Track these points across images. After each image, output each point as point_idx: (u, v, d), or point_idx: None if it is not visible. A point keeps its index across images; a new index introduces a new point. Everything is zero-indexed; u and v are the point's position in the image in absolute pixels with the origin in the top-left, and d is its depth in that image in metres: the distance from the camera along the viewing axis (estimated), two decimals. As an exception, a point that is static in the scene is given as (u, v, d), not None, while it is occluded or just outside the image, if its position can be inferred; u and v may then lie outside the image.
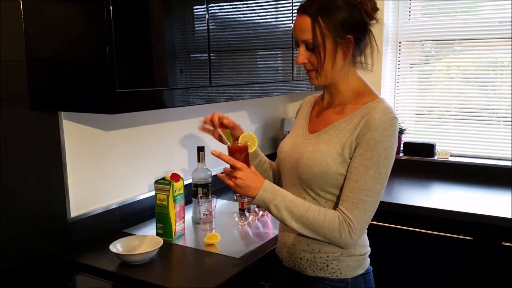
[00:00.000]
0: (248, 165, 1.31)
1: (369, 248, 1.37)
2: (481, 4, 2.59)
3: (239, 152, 1.32)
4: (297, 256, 1.35)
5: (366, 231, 1.37)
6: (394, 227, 2.17)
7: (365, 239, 1.37)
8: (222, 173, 1.29)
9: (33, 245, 1.60)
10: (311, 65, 1.27)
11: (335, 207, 1.27)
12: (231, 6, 1.85)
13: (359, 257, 1.32)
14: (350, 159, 1.24)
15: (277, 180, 1.56)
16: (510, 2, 2.47)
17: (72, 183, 1.72)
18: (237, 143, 1.36)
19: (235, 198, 1.37)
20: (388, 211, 2.14)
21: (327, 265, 1.30)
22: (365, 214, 1.21)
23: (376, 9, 1.26)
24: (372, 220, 1.26)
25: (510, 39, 2.50)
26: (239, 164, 1.25)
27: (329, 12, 1.21)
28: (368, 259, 1.37)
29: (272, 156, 2.28)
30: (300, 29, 1.24)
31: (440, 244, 2.09)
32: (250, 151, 1.39)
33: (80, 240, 1.74)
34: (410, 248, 2.16)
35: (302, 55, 1.26)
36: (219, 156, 1.25)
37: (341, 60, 1.26)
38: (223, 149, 1.34)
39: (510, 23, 2.49)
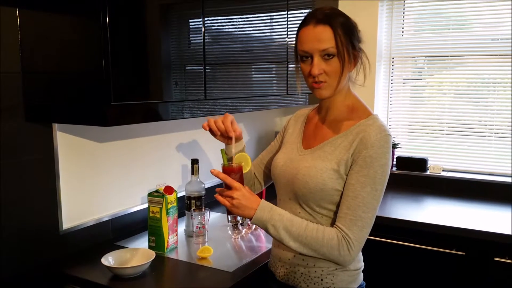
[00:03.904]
0: (243, 185, 1.30)
1: (363, 263, 1.38)
2: (473, 21, 2.62)
3: (234, 173, 1.31)
4: (291, 271, 1.34)
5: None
6: (386, 242, 2.17)
7: (360, 254, 1.37)
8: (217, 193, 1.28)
9: (25, 257, 1.58)
10: (326, 76, 1.25)
11: (331, 222, 1.28)
12: (227, 20, 1.87)
13: (353, 272, 1.33)
14: (346, 175, 1.25)
15: (254, 183, 1.57)
16: (502, 19, 2.51)
17: (64, 195, 1.71)
18: (232, 163, 1.35)
19: (229, 220, 1.35)
20: (381, 225, 2.14)
21: (322, 280, 1.30)
22: (362, 231, 1.22)
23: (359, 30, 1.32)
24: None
25: (501, 56, 2.54)
26: (235, 183, 1.24)
27: (344, 24, 1.24)
28: (362, 274, 1.37)
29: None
30: (320, 39, 1.22)
31: (433, 259, 2.09)
32: (244, 171, 1.38)
33: (72, 252, 1.73)
34: (402, 262, 2.16)
35: (318, 65, 1.23)
36: (217, 175, 1.26)
37: (349, 72, 1.29)
38: (218, 166, 1.33)
39: (501, 40, 2.53)
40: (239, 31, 1.95)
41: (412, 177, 2.73)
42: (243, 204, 1.23)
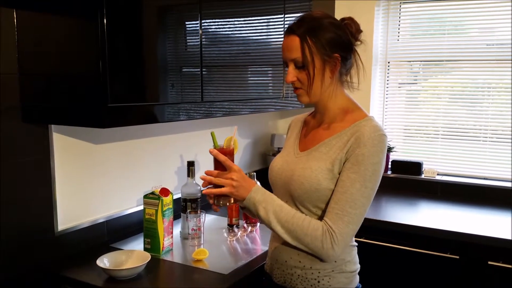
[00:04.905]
0: None
1: (359, 265, 1.39)
2: (468, 26, 2.65)
3: (229, 155, 1.32)
4: (288, 272, 1.35)
5: (355, 248, 1.39)
6: (381, 245, 2.17)
7: (356, 256, 1.38)
8: (208, 188, 1.27)
9: (20, 258, 1.58)
10: (300, 83, 1.30)
11: None
12: (224, 22, 1.87)
13: (349, 273, 1.34)
14: (339, 174, 1.26)
15: None
16: (497, 25, 2.53)
17: (60, 196, 1.71)
18: (223, 146, 1.36)
19: (216, 202, 1.31)
20: (375, 228, 2.15)
21: (319, 281, 1.31)
22: (348, 226, 1.22)
23: (360, 30, 1.32)
24: (359, 237, 1.27)
25: (496, 61, 2.56)
26: (235, 165, 1.26)
27: (317, 32, 1.25)
28: (358, 276, 1.38)
29: (262, 172, 2.28)
30: (289, 49, 1.27)
31: (427, 262, 2.10)
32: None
33: (67, 254, 1.72)
34: (397, 265, 2.17)
35: (291, 73, 1.29)
36: (216, 155, 1.25)
37: (329, 78, 1.30)
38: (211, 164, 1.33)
39: (496, 45, 2.55)
40: (236, 33, 1.96)
41: (406, 181, 2.74)
42: (242, 185, 1.24)
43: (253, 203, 1.25)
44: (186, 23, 1.70)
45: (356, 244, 1.39)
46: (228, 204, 1.30)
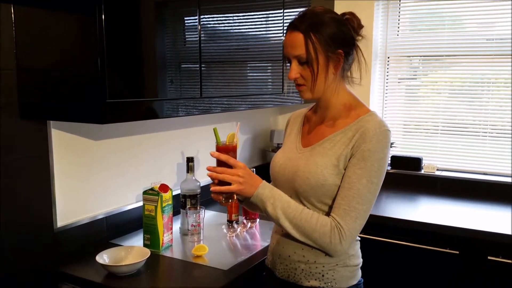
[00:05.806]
0: None
1: (361, 260, 1.39)
2: (468, 21, 2.64)
3: (232, 151, 1.31)
4: (292, 267, 1.35)
5: (358, 242, 1.39)
6: (381, 240, 2.18)
7: (358, 250, 1.39)
8: (213, 184, 1.27)
9: (19, 255, 1.58)
10: (303, 80, 1.30)
11: None
12: (222, 18, 1.86)
13: (353, 267, 1.35)
14: (345, 169, 1.26)
15: None
16: (496, 19, 2.52)
17: (59, 192, 1.70)
18: (226, 142, 1.35)
19: (223, 200, 1.31)
20: (375, 223, 2.15)
21: (323, 275, 1.31)
22: (355, 222, 1.23)
23: (361, 26, 1.32)
24: (359, 233, 1.28)
25: (495, 56, 2.55)
26: (239, 162, 1.26)
27: (320, 28, 1.24)
28: (360, 271, 1.39)
29: (262, 168, 2.28)
30: (293, 45, 1.26)
31: (427, 257, 2.10)
32: None
33: (66, 250, 1.72)
34: (396, 261, 2.17)
35: (294, 70, 1.28)
36: (218, 157, 1.26)
37: (332, 74, 1.30)
38: (213, 164, 1.32)
39: (496, 40, 2.54)
40: (235, 29, 1.95)
41: (406, 176, 2.74)
42: (248, 182, 1.24)
43: (260, 199, 1.26)
44: (185, 18, 1.69)
45: (359, 238, 1.40)
46: (231, 200, 1.29)
